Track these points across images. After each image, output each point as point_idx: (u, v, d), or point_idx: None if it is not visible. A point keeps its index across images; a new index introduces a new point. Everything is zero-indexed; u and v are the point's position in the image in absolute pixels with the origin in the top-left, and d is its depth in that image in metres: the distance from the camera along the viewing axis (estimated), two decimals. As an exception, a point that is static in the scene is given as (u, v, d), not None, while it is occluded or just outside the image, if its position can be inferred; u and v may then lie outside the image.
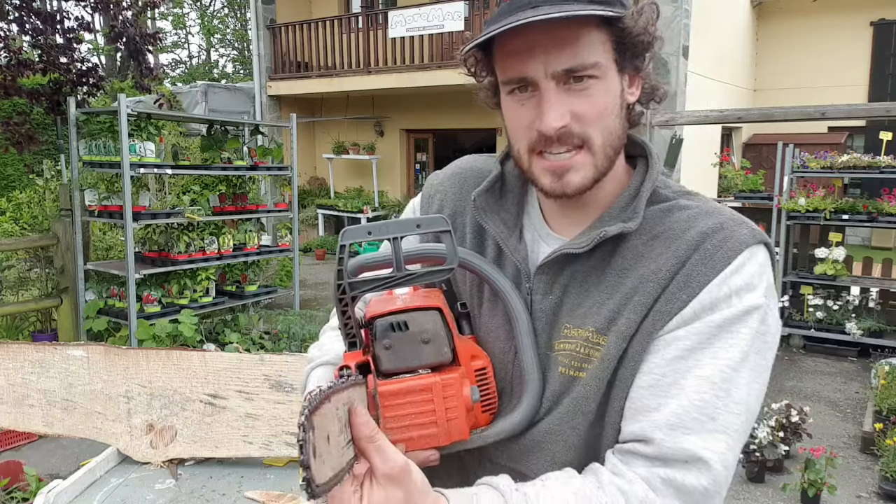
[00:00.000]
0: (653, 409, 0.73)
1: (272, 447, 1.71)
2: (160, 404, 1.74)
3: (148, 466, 1.71)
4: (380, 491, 0.62)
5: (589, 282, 0.81)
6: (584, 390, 0.78)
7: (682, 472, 0.70)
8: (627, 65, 0.79)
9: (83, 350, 1.76)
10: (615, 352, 0.77)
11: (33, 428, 1.80)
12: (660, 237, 0.79)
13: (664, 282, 0.76)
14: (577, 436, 0.80)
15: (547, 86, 0.75)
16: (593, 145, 0.77)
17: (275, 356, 1.74)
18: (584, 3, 0.72)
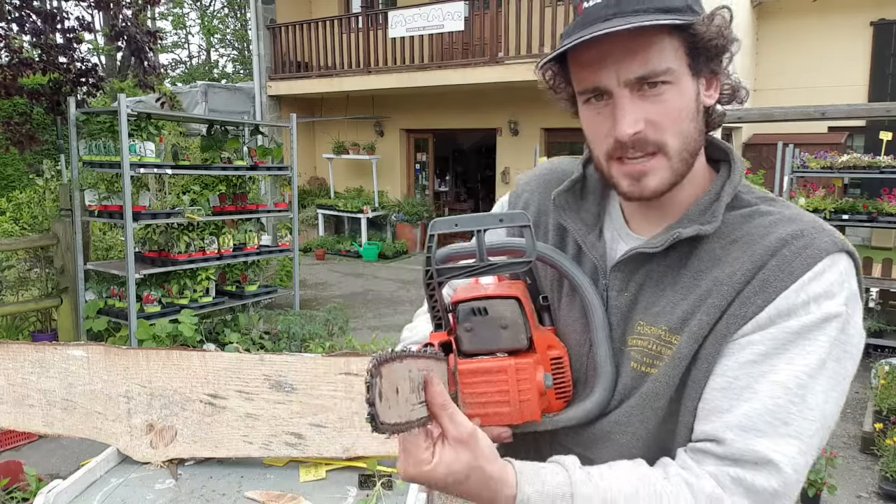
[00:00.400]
0: (725, 410, 0.74)
1: (272, 447, 1.71)
2: (160, 404, 1.74)
3: (148, 466, 1.71)
4: (450, 451, 0.68)
5: (664, 281, 0.83)
6: (653, 386, 0.81)
7: (752, 472, 0.71)
8: (703, 68, 0.80)
9: (83, 350, 1.76)
10: (687, 352, 0.79)
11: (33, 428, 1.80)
12: (738, 241, 0.80)
13: (739, 286, 0.77)
14: (645, 430, 0.82)
15: (621, 94, 0.78)
16: (669, 150, 0.79)
17: (275, 356, 1.74)
18: (654, 13, 0.74)
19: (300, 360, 1.72)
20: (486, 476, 0.70)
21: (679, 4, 0.76)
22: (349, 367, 1.71)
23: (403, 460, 0.70)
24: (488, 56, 9.42)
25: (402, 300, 7.98)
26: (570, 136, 10.34)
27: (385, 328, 6.66)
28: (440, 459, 0.68)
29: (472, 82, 9.59)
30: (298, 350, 4.69)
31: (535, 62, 0.91)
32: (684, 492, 0.72)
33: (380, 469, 1.66)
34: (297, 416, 1.71)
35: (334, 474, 1.69)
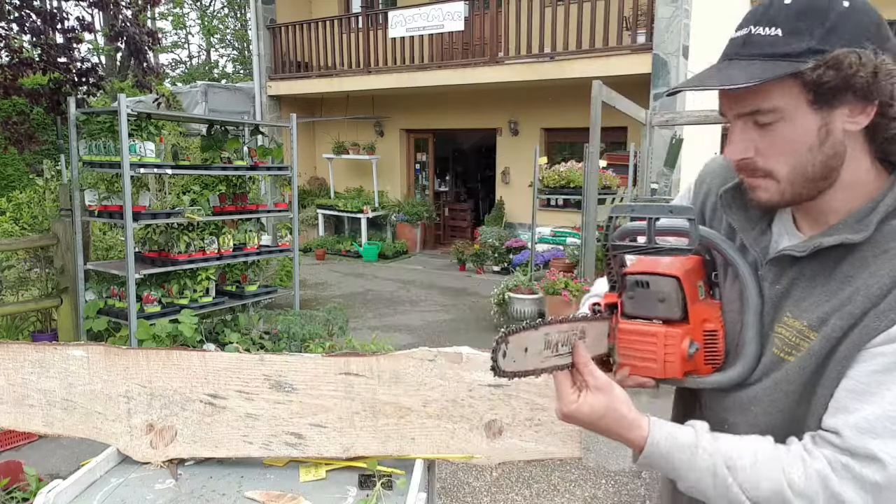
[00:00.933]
0: (850, 410, 0.84)
1: (272, 447, 1.71)
2: (160, 404, 1.74)
3: (148, 466, 1.71)
4: (591, 395, 0.90)
5: (816, 280, 0.92)
6: (786, 374, 0.92)
7: (861, 464, 0.81)
8: (836, 101, 0.83)
9: (83, 350, 1.76)
10: (819, 350, 0.88)
11: (33, 428, 1.80)
12: (889, 252, 0.86)
13: (877, 299, 0.84)
14: (777, 409, 0.94)
15: (734, 123, 0.90)
16: (778, 176, 0.89)
17: (275, 356, 1.74)
18: (769, 59, 0.83)
19: (300, 360, 1.72)
20: (620, 415, 0.90)
21: (798, 49, 0.81)
22: (349, 367, 1.71)
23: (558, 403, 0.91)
24: (488, 56, 9.42)
25: (402, 300, 7.98)
26: (570, 136, 10.34)
27: (385, 328, 6.66)
28: (584, 401, 0.89)
29: (472, 82, 9.59)
30: (298, 350, 4.69)
31: (535, 62, 0.99)
32: (798, 464, 0.84)
33: (380, 469, 1.66)
34: (297, 416, 1.71)
35: (334, 474, 1.69)
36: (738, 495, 0.86)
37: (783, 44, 0.82)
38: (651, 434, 0.89)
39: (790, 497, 0.83)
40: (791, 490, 0.83)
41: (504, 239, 9.68)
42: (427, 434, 1.71)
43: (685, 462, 0.88)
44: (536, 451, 1.71)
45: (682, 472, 0.89)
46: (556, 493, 3.42)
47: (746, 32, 0.85)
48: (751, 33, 0.85)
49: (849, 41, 0.81)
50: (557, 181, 7.19)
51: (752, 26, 0.85)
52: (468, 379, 1.69)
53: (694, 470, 0.88)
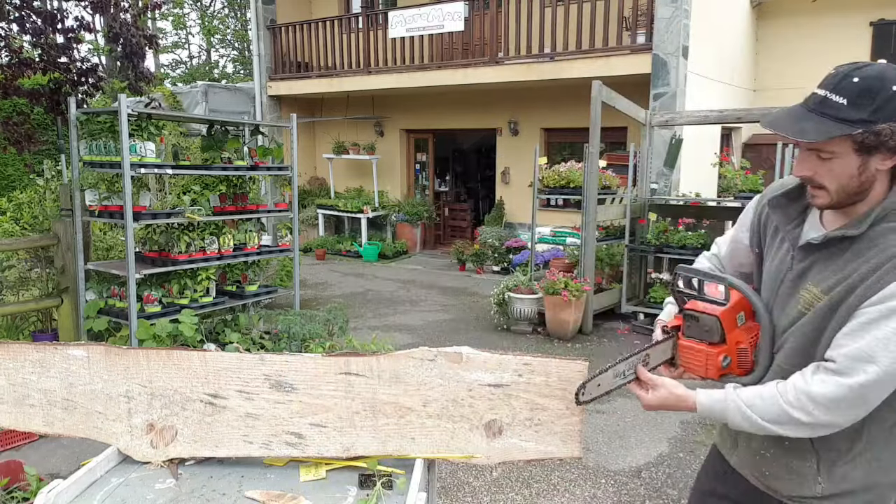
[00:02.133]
0: (843, 346, 1.28)
1: (272, 447, 1.72)
2: (160, 404, 1.74)
3: (148, 466, 1.71)
4: (653, 391, 1.46)
5: (829, 262, 1.35)
6: (807, 321, 1.37)
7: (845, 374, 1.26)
8: (873, 151, 1.26)
9: (84, 350, 1.76)
10: (825, 308, 1.33)
11: (34, 428, 1.80)
12: (876, 247, 1.28)
13: (867, 276, 1.27)
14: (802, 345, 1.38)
15: (801, 152, 1.33)
16: (828, 191, 1.31)
17: (275, 356, 1.74)
18: (834, 121, 1.25)
19: (300, 359, 1.72)
20: (676, 395, 1.43)
21: (855, 117, 1.22)
22: (349, 367, 1.71)
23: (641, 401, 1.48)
24: (488, 56, 9.42)
25: (402, 300, 7.99)
26: (570, 136, 10.35)
27: (385, 328, 6.67)
28: (652, 395, 1.46)
29: (472, 82, 9.59)
30: (298, 350, 4.69)
31: (535, 62, 1.15)
32: (790, 388, 1.32)
33: (380, 469, 1.66)
34: (298, 416, 1.71)
35: (334, 474, 1.69)
36: (758, 420, 1.34)
37: (846, 112, 1.23)
38: (697, 400, 1.41)
39: (786, 407, 1.31)
40: (789, 407, 1.31)
41: (504, 239, 9.68)
42: (427, 434, 1.71)
43: (722, 410, 1.38)
44: (536, 451, 1.71)
45: (724, 417, 1.39)
46: (556, 492, 3.42)
47: (824, 95, 1.26)
48: (826, 97, 1.26)
49: (888, 117, 1.21)
50: (557, 181, 7.19)
51: (829, 91, 1.25)
52: (468, 379, 1.69)
53: (729, 413, 1.37)
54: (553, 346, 6.08)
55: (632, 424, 4.30)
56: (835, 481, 1.38)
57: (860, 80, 1.22)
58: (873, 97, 1.21)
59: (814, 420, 1.29)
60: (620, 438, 4.09)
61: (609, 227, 7.35)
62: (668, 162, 7.52)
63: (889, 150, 1.23)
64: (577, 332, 6.36)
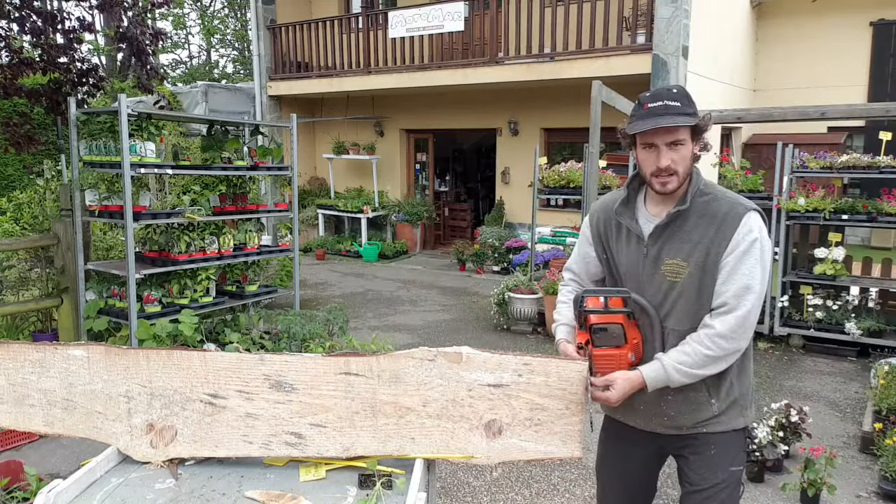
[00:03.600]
0: (724, 292, 1.68)
1: (272, 447, 1.72)
2: (160, 404, 1.74)
3: (148, 466, 1.71)
4: (614, 388, 1.70)
5: (673, 238, 1.76)
6: (682, 287, 1.75)
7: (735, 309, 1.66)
8: (695, 138, 1.74)
9: (83, 350, 1.76)
10: (696, 271, 1.73)
11: (34, 428, 1.80)
12: (705, 215, 1.74)
13: (712, 236, 1.71)
14: (686, 309, 1.75)
15: (662, 148, 1.71)
16: (679, 174, 1.73)
17: (275, 356, 1.74)
18: (683, 116, 1.68)
19: (300, 360, 1.72)
20: (629, 380, 1.70)
21: (691, 111, 1.69)
22: (349, 367, 1.71)
23: (608, 402, 1.72)
24: (488, 56, 9.42)
25: (402, 300, 7.99)
26: (569, 136, 10.35)
27: (385, 328, 6.67)
28: (613, 391, 1.70)
29: (472, 82, 9.59)
30: (298, 350, 4.69)
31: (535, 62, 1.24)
32: (703, 336, 1.69)
33: (380, 469, 1.66)
34: (297, 416, 1.71)
35: (334, 474, 1.69)
36: (692, 371, 1.69)
37: (684, 109, 1.68)
38: (645, 375, 1.70)
39: (703, 352, 1.68)
40: (706, 350, 1.68)
41: (504, 239, 9.68)
42: (427, 434, 1.71)
43: (663, 376, 1.70)
44: (536, 451, 1.71)
45: (667, 381, 1.70)
46: (556, 492, 3.42)
47: (663, 104, 1.67)
48: (666, 104, 1.67)
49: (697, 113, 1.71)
50: (557, 181, 7.19)
51: (666, 100, 1.68)
52: (468, 379, 1.69)
53: (670, 375, 1.69)
54: (553, 347, 6.07)
55: (632, 424, 4.30)
56: (722, 398, 1.79)
57: (678, 91, 1.70)
58: (691, 99, 1.71)
59: (725, 352, 1.67)
60: (620, 438, 4.09)
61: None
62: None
63: (699, 137, 1.74)
64: (577, 332, 6.35)
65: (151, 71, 6.59)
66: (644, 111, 1.69)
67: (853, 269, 6.09)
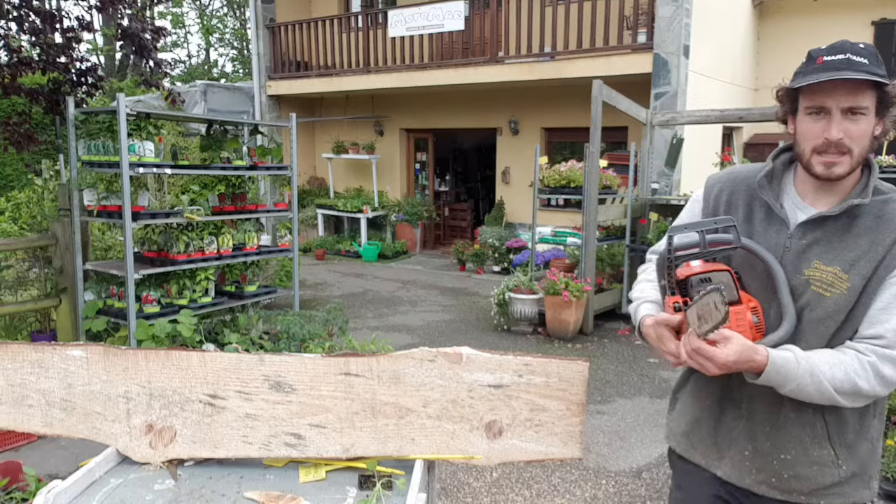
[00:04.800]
0: (884, 321, 1.30)
1: (272, 448, 1.71)
2: (159, 405, 1.74)
3: (147, 467, 1.71)
4: (727, 344, 1.25)
5: (834, 239, 1.36)
6: (834, 305, 1.34)
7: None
8: (881, 113, 1.31)
9: (82, 350, 1.76)
10: (858, 285, 1.32)
11: (32, 428, 1.79)
12: (883, 217, 1.34)
13: (889, 246, 1.31)
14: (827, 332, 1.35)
15: (836, 114, 1.29)
16: (853, 153, 1.31)
17: (274, 356, 1.73)
18: (867, 73, 1.25)
19: (300, 360, 1.72)
20: (749, 347, 1.26)
21: (881, 73, 1.27)
22: (349, 368, 1.70)
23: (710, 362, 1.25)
24: (488, 56, 9.41)
25: (402, 300, 7.98)
26: (570, 136, 10.34)
27: (385, 328, 6.66)
28: (726, 349, 1.24)
29: (472, 82, 9.58)
30: (298, 350, 4.68)
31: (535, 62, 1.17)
32: (854, 360, 1.29)
33: (380, 470, 1.66)
34: (297, 417, 1.71)
35: (334, 475, 1.69)
36: (826, 385, 1.27)
37: (873, 69, 1.26)
38: (770, 353, 1.27)
39: (854, 379, 1.27)
40: (856, 376, 1.27)
41: (504, 239, 9.67)
42: (427, 435, 1.70)
43: (793, 370, 1.27)
44: (537, 452, 1.70)
45: (791, 377, 1.27)
46: (557, 493, 3.41)
47: (846, 57, 1.27)
48: (850, 59, 1.26)
49: None
50: (558, 181, 7.18)
51: (850, 54, 1.27)
52: (468, 379, 1.69)
53: (799, 374, 1.27)
54: (553, 347, 6.07)
55: (632, 425, 4.29)
56: (852, 461, 1.40)
57: (865, 47, 1.29)
58: (880, 60, 1.30)
59: (874, 393, 1.29)
60: (621, 439, 4.08)
61: (610, 227, 7.34)
62: (669, 162, 7.51)
63: (884, 112, 1.32)
64: (578, 333, 6.35)
65: (156, 67, 6.58)
66: (817, 65, 1.29)
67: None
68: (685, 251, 1.32)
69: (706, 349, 1.24)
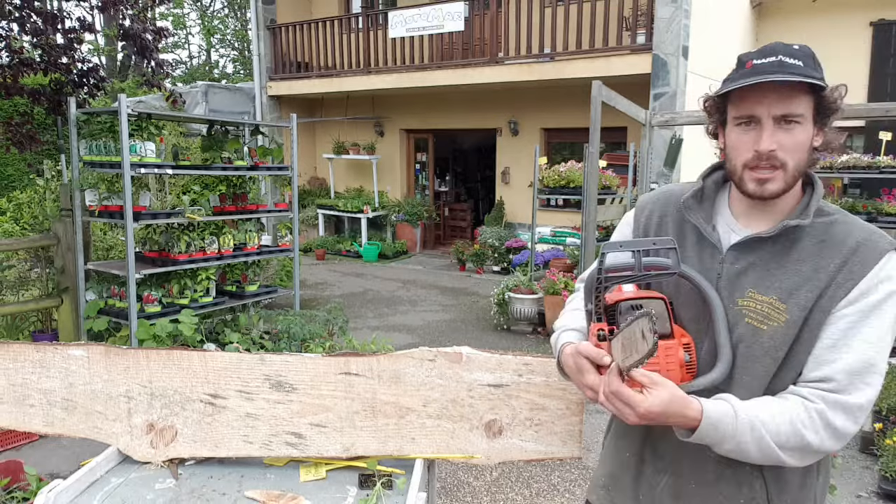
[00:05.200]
0: (832, 361, 1.11)
1: (272, 447, 1.72)
2: (160, 404, 1.74)
3: (148, 466, 1.71)
4: (654, 391, 1.06)
5: (771, 265, 1.19)
6: (770, 341, 1.16)
7: (849, 396, 1.10)
8: (819, 121, 1.16)
9: (84, 350, 1.76)
10: (797, 317, 1.14)
11: (34, 428, 1.80)
12: (826, 242, 1.17)
13: (833, 273, 1.14)
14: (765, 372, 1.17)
15: (768, 123, 1.14)
16: (787, 167, 1.15)
17: (275, 356, 1.74)
18: (801, 75, 1.10)
19: (300, 359, 1.72)
20: (680, 398, 1.07)
21: (817, 76, 1.12)
22: (349, 367, 1.71)
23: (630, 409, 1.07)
24: (488, 56, 9.42)
25: (402, 300, 7.99)
26: (570, 136, 10.34)
27: (385, 328, 6.66)
28: (651, 397, 1.05)
29: (472, 82, 9.58)
30: (298, 350, 4.69)
31: (535, 62, 1.14)
32: (801, 409, 1.10)
33: (380, 469, 1.66)
34: (298, 416, 1.71)
35: (334, 474, 1.69)
36: (768, 442, 1.09)
37: (807, 70, 1.12)
38: (704, 407, 1.08)
39: (801, 431, 1.09)
40: (803, 427, 1.09)
41: (504, 239, 9.68)
42: (427, 434, 1.71)
43: (731, 426, 1.08)
44: (536, 451, 1.71)
45: (729, 435, 1.09)
46: (556, 492, 3.42)
47: (778, 59, 1.12)
48: (782, 60, 1.12)
49: None
50: (557, 181, 7.19)
51: (782, 56, 1.12)
52: (468, 379, 1.69)
53: (738, 431, 1.08)
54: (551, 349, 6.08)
55: (632, 424, 4.30)
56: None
57: (801, 48, 1.15)
58: (818, 62, 1.15)
59: (822, 447, 1.11)
60: (620, 438, 4.09)
61: (609, 227, 7.34)
62: (669, 162, 7.50)
63: (823, 121, 1.17)
64: (577, 332, 6.35)
65: (157, 67, 6.59)
66: (746, 70, 1.14)
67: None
68: (617, 273, 1.15)
69: (626, 394, 1.06)
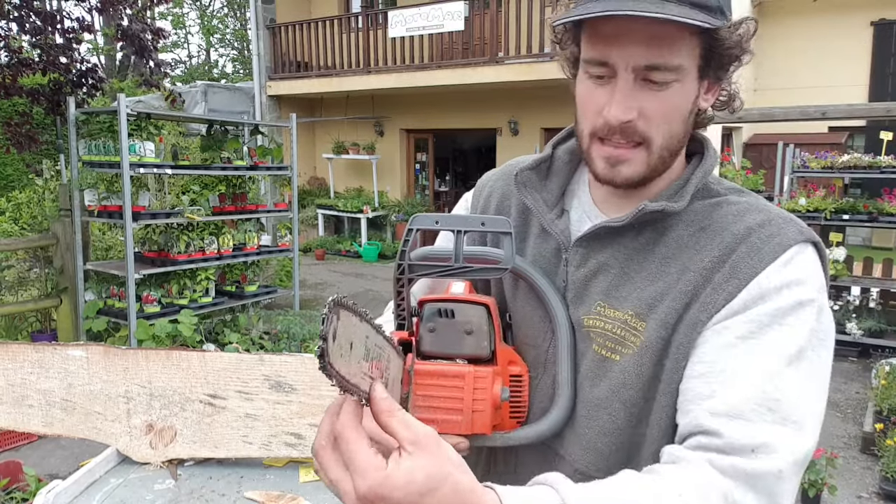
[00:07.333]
0: (707, 396, 0.69)
1: (272, 447, 1.71)
2: (160, 404, 1.74)
3: (147, 467, 1.71)
4: (407, 460, 0.52)
5: (630, 266, 0.80)
6: (621, 376, 0.77)
7: (751, 459, 0.65)
8: (710, 73, 0.78)
9: (83, 350, 1.76)
10: (655, 338, 0.75)
11: (33, 428, 1.80)
12: (707, 229, 0.78)
13: (708, 272, 0.75)
14: (613, 424, 0.78)
15: (625, 77, 0.74)
16: (652, 145, 0.77)
17: (274, 356, 1.73)
18: (686, 7, 0.70)
19: (300, 360, 1.72)
20: (460, 486, 0.53)
21: (712, 4, 0.72)
22: (349, 368, 1.70)
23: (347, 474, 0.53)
24: (488, 56, 9.42)
25: (402, 300, 7.98)
26: (570, 136, 10.34)
27: (385, 328, 6.65)
28: (396, 465, 0.52)
29: (472, 82, 9.58)
30: (298, 350, 4.68)
31: (535, 62, 0.89)
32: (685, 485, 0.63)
33: (380, 469, 1.66)
34: (297, 417, 1.71)
35: (334, 475, 1.69)
36: None
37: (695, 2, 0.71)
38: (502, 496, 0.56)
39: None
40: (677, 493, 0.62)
41: (504, 239, 9.67)
42: (427, 434, 1.70)
43: None
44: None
45: None
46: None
47: None
48: None
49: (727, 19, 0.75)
50: (557, 181, 7.19)
51: None
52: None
53: None
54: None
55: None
56: None
57: None
58: None
59: None
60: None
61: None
62: (669, 162, 7.51)
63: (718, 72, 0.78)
64: (577, 333, 6.34)
65: (156, 67, 6.59)
66: None
67: (854, 269, 6.09)
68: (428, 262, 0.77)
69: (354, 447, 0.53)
